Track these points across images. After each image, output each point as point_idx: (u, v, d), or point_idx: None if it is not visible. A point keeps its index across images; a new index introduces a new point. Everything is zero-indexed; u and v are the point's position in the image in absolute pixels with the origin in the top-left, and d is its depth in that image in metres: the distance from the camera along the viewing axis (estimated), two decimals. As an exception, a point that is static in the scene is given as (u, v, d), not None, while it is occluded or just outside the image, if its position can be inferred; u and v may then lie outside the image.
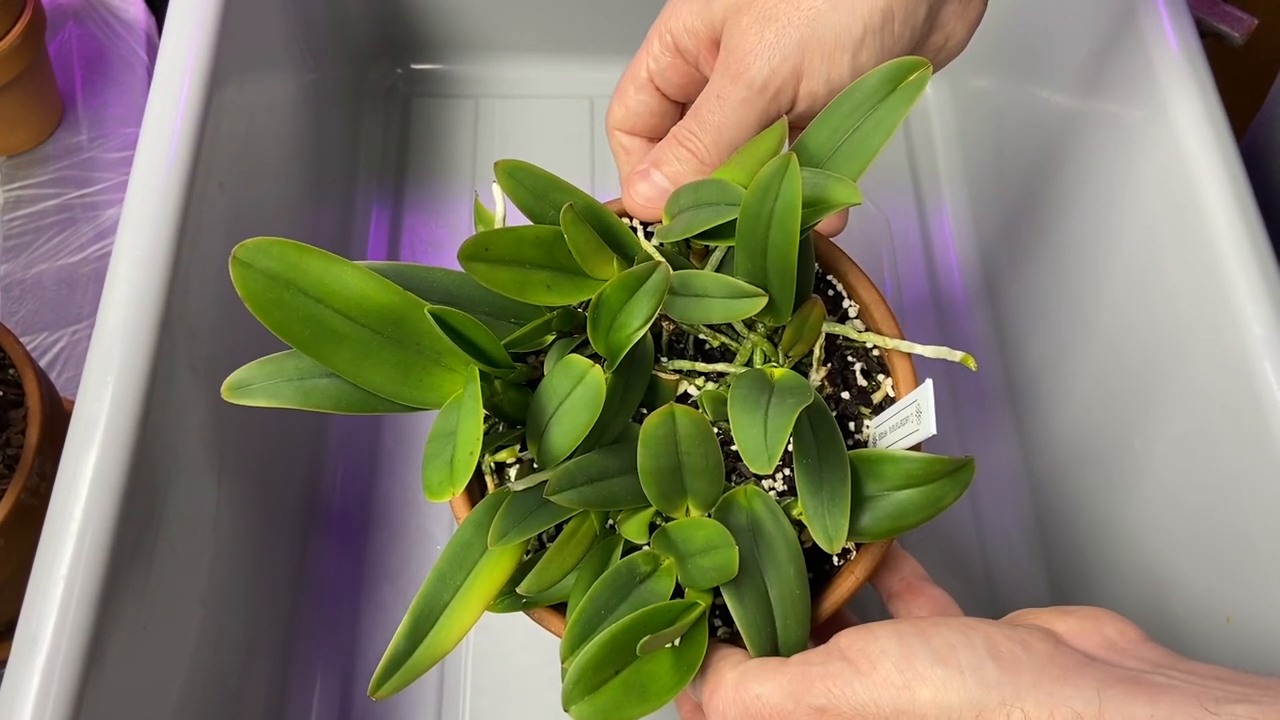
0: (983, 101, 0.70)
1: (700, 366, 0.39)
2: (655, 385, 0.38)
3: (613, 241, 0.37)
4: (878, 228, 0.71)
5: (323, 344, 0.32)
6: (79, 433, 0.41)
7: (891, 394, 0.40)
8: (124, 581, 0.41)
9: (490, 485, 0.39)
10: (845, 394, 0.40)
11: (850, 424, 0.39)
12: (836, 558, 0.38)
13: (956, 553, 0.61)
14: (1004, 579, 0.60)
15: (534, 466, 0.35)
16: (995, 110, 0.69)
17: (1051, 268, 0.60)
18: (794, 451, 0.35)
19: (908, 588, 0.39)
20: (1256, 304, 0.44)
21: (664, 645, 0.34)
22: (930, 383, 0.34)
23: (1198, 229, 0.47)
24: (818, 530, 0.34)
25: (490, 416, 0.36)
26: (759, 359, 0.39)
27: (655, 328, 0.40)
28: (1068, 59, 0.59)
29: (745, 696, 0.32)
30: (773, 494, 0.38)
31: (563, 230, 0.34)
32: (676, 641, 0.34)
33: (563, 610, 0.36)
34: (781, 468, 0.39)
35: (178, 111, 0.48)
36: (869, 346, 0.41)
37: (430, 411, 0.34)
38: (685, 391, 0.39)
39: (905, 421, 0.35)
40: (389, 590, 0.59)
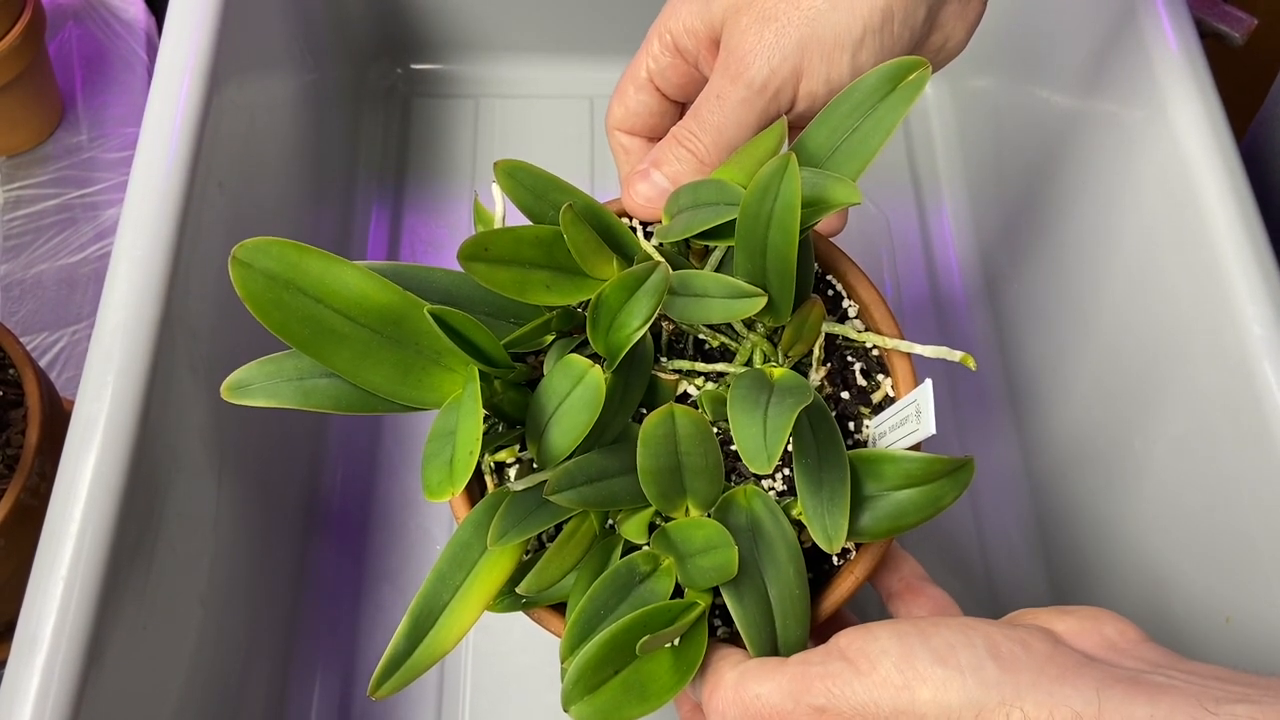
0: (983, 101, 0.70)
1: (700, 366, 0.39)
2: (655, 385, 0.38)
3: (612, 241, 0.37)
4: (877, 228, 0.71)
5: (322, 344, 0.32)
6: (79, 433, 0.41)
7: (891, 394, 0.40)
8: (124, 581, 0.41)
9: (490, 485, 0.39)
10: (845, 394, 0.40)
11: (850, 424, 0.39)
12: (836, 558, 0.38)
13: (956, 553, 0.61)
14: (1004, 579, 0.60)
15: (533, 466, 0.35)
16: (995, 110, 0.69)
17: (1051, 268, 0.60)
18: (793, 451, 0.35)
19: (907, 588, 0.39)
20: (1256, 304, 0.44)
21: (663, 645, 0.34)
22: (930, 382, 0.34)
23: (1198, 229, 0.47)
24: (817, 530, 0.34)
25: (490, 416, 0.36)
26: (758, 359, 0.39)
27: (655, 328, 0.40)
28: (1068, 59, 0.59)
29: (745, 696, 0.32)
30: (772, 494, 0.38)
31: (562, 230, 0.34)
32: (676, 641, 0.34)
33: (562, 610, 0.36)
34: (781, 467, 0.39)
35: (178, 111, 0.48)
36: (869, 346, 0.41)
37: (430, 411, 0.34)
38: (685, 391, 0.39)
39: (905, 421, 0.35)
40: (389, 590, 0.59)
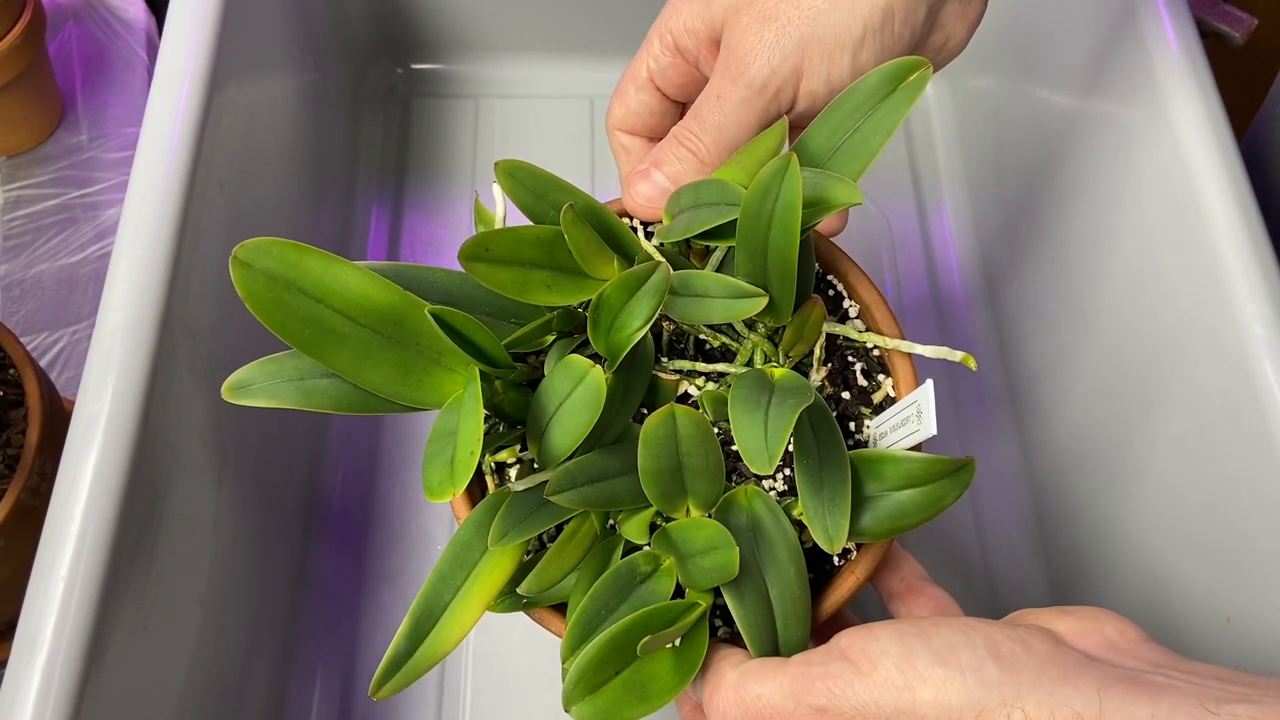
0: (983, 101, 0.70)
1: (701, 366, 0.39)
2: (656, 385, 0.38)
3: (613, 241, 0.37)
4: (878, 228, 0.71)
5: (323, 344, 0.32)
6: (79, 433, 0.41)
7: (892, 394, 0.40)
8: (124, 581, 0.41)
9: (491, 485, 0.39)
10: (846, 394, 0.40)
11: (850, 424, 0.39)
12: (837, 558, 0.38)
13: (956, 553, 0.61)
14: (1004, 579, 0.60)
15: (534, 467, 0.35)
16: (995, 110, 0.69)
17: (1051, 268, 0.60)
18: (794, 452, 0.35)
19: (908, 588, 0.39)
20: (1256, 304, 0.44)
21: (664, 645, 0.34)
22: (930, 383, 0.34)
23: (1198, 229, 0.47)
24: (818, 530, 0.34)
25: (490, 417, 0.36)
26: (759, 359, 0.39)
27: (656, 328, 0.40)
28: (1068, 59, 0.59)
29: (746, 696, 0.32)
30: (773, 494, 0.38)
31: (563, 230, 0.34)
32: (677, 642, 0.34)
33: (563, 610, 0.36)
34: (782, 468, 0.39)
35: (178, 112, 0.48)
36: (869, 346, 0.41)
37: (430, 412, 0.34)
38: (685, 391, 0.39)
39: (906, 421, 0.35)
40: (389, 590, 0.59)
